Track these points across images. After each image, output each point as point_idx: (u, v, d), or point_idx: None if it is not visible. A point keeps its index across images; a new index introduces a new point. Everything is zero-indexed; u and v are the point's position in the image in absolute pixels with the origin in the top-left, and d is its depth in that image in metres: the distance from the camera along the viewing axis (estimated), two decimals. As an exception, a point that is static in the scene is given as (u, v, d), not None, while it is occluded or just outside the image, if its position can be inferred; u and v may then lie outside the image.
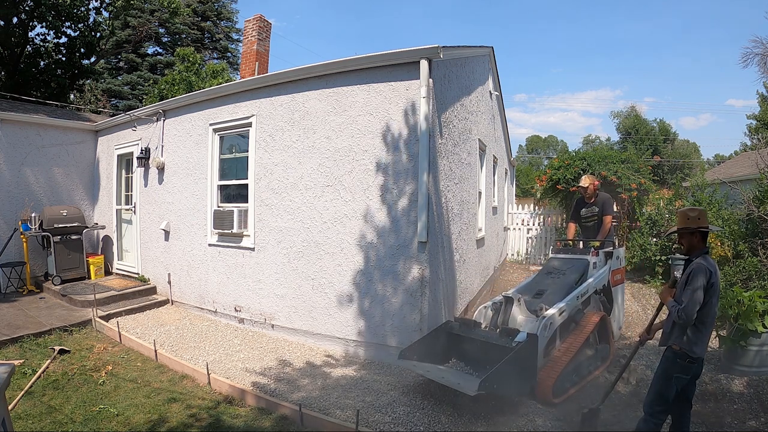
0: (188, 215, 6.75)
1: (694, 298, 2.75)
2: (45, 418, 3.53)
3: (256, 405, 3.83)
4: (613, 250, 5.23)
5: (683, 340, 2.84)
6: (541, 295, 4.58)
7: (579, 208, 5.84)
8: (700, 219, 2.97)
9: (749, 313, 4.14)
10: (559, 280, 4.78)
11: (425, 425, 3.45)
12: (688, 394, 3.01)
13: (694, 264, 2.89)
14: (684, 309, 2.75)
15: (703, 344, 2.86)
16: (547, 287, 4.69)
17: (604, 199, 5.60)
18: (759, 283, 5.57)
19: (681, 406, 3.01)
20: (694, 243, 3.00)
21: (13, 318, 5.84)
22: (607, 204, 5.54)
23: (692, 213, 3.01)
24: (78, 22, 13.96)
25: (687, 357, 2.84)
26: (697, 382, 3.99)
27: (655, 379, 3.02)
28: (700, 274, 2.79)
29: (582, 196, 5.81)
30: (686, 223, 2.99)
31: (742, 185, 8.14)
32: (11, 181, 7.72)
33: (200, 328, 5.99)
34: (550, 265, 5.20)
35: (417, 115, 4.58)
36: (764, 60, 5.64)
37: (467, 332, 4.17)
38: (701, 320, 2.80)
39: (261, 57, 8.55)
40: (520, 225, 12.20)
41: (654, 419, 2.94)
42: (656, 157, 30.17)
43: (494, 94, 8.63)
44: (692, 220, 2.98)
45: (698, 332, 2.83)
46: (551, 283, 4.77)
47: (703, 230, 2.97)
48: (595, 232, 5.57)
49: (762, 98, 22.44)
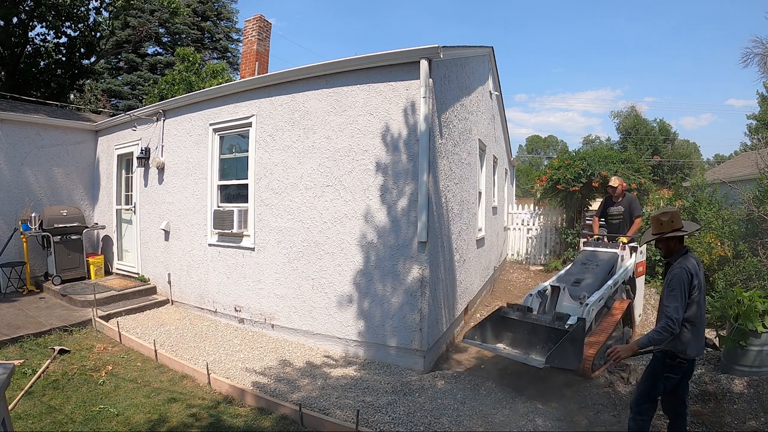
0: (188, 215, 6.75)
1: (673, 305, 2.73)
2: (45, 418, 3.53)
3: (256, 405, 3.83)
4: (637, 246, 5.79)
5: (677, 343, 2.82)
6: (579, 284, 5.04)
7: (607, 206, 6.36)
8: (673, 222, 2.93)
9: (749, 313, 4.12)
10: (594, 270, 5.29)
11: (425, 425, 3.45)
12: (682, 394, 3.01)
13: (673, 269, 2.87)
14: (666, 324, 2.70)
15: (696, 344, 2.84)
16: (585, 277, 5.18)
17: (630, 199, 6.16)
18: (759, 283, 5.56)
19: (676, 407, 3.02)
20: (671, 246, 2.98)
21: (13, 318, 5.84)
22: (635, 204, 6.09)
23: (664, 217, 2.97)
24: (78, 22, 13.97)
25: (676, 357, 2.83)
26: (697, 382, 4.01)
27: (643, 378, 3.02)
28: (677, 281, 2.78)
29: (610, 195, 6.30)
30: (660, 228, 2.97)
31: (742, 185, 8.13)
32: (11, 181, 7.72)
33: (200, 328, 5.99)
34: (584, 256, 5.72)
35: (417, 115, 4.58)
36: (764, 60, 5.63)
37: (521, 317, 4.54)
38: (690, 321, 2.79)
39: (261, 57, 8.55)
40: (520, 225, 12.20)
41: (642, 416, 2.94)
42: (656, 157, 30.17)
43: (494, 94, 8.63)
44: (665, 224, 2.95)
45: (689, 333, 2.82)
46: (587, 273, 5.26)
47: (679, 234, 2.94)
48: (620, 228, 6.08)
49: (762, 98, 22.44)
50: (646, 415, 2.94)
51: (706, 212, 7.86)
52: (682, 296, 2.75)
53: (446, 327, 5.42)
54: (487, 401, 3.86)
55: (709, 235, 7.07)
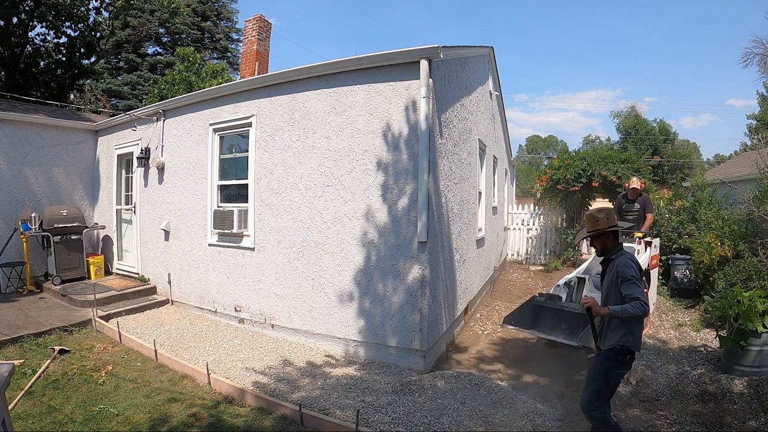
0: (188, 215, 6.75)
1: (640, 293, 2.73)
2: (45, 418, 3.53)
3: (256, 405, 3.83)
4: (651, 240, 6.26)
5: (630, 337, 2.81)
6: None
7: (622, 204, 6.88)
8: (609, 219, 3.00)
9: (749, 313, 4.13)
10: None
11: (425, 425, 3.45)
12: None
13: (619, 260, 2.89)
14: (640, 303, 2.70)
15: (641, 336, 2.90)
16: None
17: (645, 198, 6.73)
18: (759, 283, 5.56)
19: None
20: (608, 243, 3.02)
21: (13, 318, 5.84)
22: (648, 203, 6.68)
23: (600, 214, 3.03)
24: (78, 22, 13.97)
25: (628, 353, 2.84)
26: (697, 382, 4.02)
27: (591, 379, 2.95)
28: (630, 267, 2.80)
29: (626, 194, 6.88)
30: (596, 225, 3.01)
31: (742, 185, 8.13)
32: (11, 181, 7.72)
33: (200, 328, 5.99)
34: None
35: (417, 114, 4.58)
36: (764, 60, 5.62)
37: (552, 304, 5.12)
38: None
39: (261, 57, 8.55)
40: (520, 225, 12.20)
41: (599, 413, 2.89)
42: (656, 157, 30.18)
43: (494, 94, 8.63)
44: (602, 221, 3.00)
45: (638, 325, 2.84)
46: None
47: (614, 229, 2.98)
48: (636, 225, 6.57)
49: (762, 98, 22.46)
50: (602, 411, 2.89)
51: (706, 212, 7.86)
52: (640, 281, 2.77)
53: (446, 327, 5.42)
54: (487, 401, 3.86)
55: (709, 235, 7.07)
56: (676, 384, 4.07)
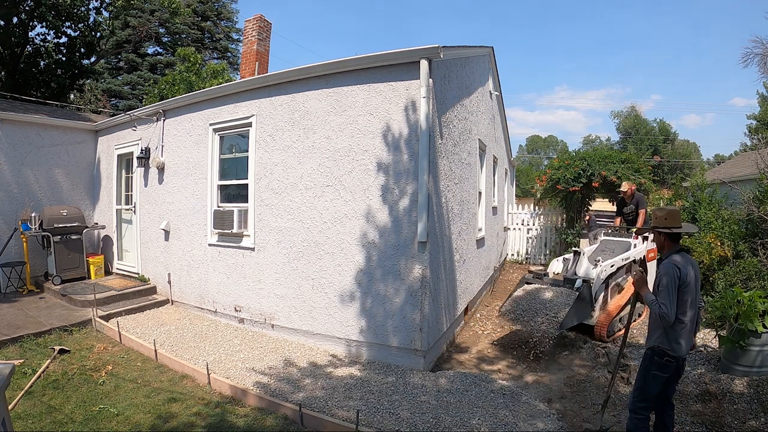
0: (188, 215, 6.75)
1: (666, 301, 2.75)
2: (45, 417, 3.53)
3: (256, 405, 3.83)
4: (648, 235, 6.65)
5: (664, 340, 2.86)
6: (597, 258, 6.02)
7: (621, 206, 7.73)
8: (666, 219, 2.96)
9: (749, 313, 4.12)
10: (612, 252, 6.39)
11: (426, 425, 3.45)
12: (668, 393, 3.02)
13: (661, 264, 2.91)
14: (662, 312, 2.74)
15: (683, 343, 2.85)
16: (602, 254, 6.24)
17: (639, 197, 7.51)
18: (759, 283, 5.55)
19: (660, 405, 3.04)
20: (662, 242, 3.01)
21: (13, 318, 5.83)
22: (641, 201, 7.46)
23: (660, 212, 3.01)
24: (78, 22, 13.98)
25: (664, 355, 2.85)
26: (698, 382, 4.01)
27: (637, 377, 3.06)
28: (664, 276, 2.81)
29: (623, 197, 7.62)
30: (654, 222, 3.03)
31: (742, 185, 8.12)
32: (11, 181, 7.72)
33: (200, 328, 5.98)
34: (604, 244, 6.74)
35: (417, 115, 4.58)
36: (764, 60, 5.63)
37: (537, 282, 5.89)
38: (680, 319, 2.80)
39: (261, 57, 8.55)
40: (520, 225, 12.20)
41: (636, 416, 2.95)
42: (656, 157, 30.20)
43: (494, 94, 8.63)
44: (659, 219, 2.99)
45: (675, 331, 2.83)
46: (606, 253, 6.36)
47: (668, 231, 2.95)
48: (634, 223, 7.40)
49: (762, 98, 22.47)
50: (641, 414, 2.95)
51: (706, 212, 7.85)
52: (672, 290, 2.76)
53: (447, 327, 5.42)
54: (489, 401, 3.86)
55: (709, 235, 7.06)
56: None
